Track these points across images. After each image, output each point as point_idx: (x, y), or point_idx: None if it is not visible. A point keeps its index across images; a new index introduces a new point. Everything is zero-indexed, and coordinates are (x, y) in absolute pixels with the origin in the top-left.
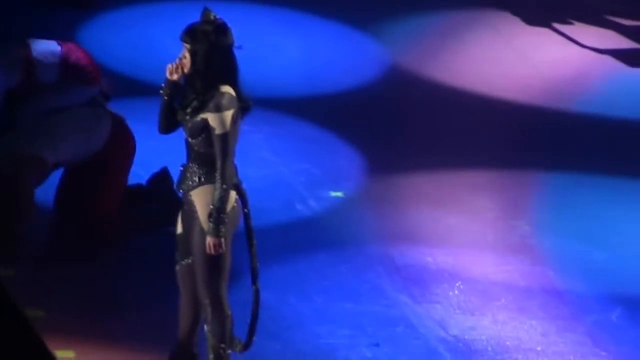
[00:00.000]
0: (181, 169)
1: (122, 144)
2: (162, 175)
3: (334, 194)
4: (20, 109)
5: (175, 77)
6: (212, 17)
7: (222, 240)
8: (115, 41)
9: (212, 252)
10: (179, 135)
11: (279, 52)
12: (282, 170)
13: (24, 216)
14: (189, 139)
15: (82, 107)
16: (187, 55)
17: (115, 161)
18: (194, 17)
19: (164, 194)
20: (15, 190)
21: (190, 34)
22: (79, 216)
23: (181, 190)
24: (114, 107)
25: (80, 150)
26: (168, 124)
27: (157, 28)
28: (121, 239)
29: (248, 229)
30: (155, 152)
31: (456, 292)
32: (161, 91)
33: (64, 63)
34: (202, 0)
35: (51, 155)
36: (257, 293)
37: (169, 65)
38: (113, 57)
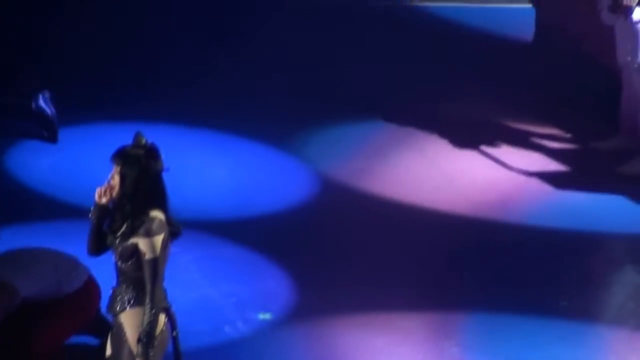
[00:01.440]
0: (111, 291)
1: (90, 296)
2: None
3: (262, 316)
4: None
5: (104, 200)
6: (144, 142)
7: None
8: (42, 164)
9: None
10: (109, 258)
11: (207, 174)
12: (210, 292)
13: None
14: (119, 263)
15: (62, 254)
16: (117, 177)
17: (79, 308)
18: (121, 139)
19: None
20: None
21: (122, 157)
22: (22, 353)
23: (111, 313)
24: (44, 229)
25: (51, 290)
26: (97, 247)
27: (84, 151)
28: None
29: (176, 352)
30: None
31: None
32: (90, 215)
33: None
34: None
35: (24, 287)
36: None
37: (98, 189)
38: (41, 181)
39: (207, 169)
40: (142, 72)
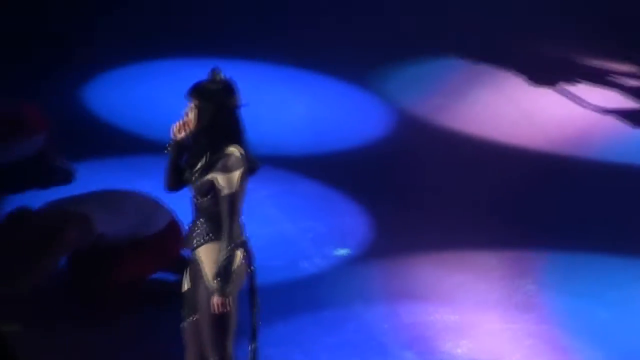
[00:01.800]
0: (188, 226)
1: (172, 238)
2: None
3: (339, 251)
4: None
5: (180, 136)
6: (220, 77)
7: (228, 299)
8: (120, 99)
9: (218, 311)
10: (186, 193)
11: (285, 110)
12: (287, 228)
13: (49, 263)
14: (196, 198)
15: (147, 196)
16: (193, 112)
17: (160, 249)
18: (197, 74)
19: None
20: (53, 239)
21: (198, 92)
22: (101, 284)
23: (189, 248)
24: (122, 164)
25: (132, 230)
26: (175, 182)
27: (161, 86)
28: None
29: (252, 288)
30: None
31: (462, 350)
32: (167, 149)
33: (4, 115)
34: (207, 58)
35: (101, 224)
36: (254, 352)
37: (174, 124)
38: (118, 115)
39: (284, 105)
40: (218, 6)
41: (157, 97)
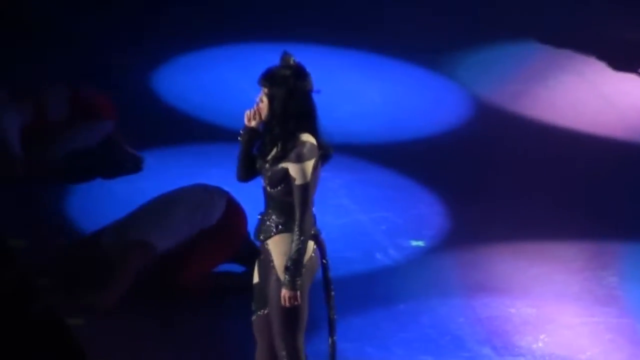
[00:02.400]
0: (259, 217)
1: (233, 222)
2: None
3: (415, 243)
4: (39, 148)
5: (253, 123)
6: (291, 62)
7: (298, 292)
8: (189, 85)
9: (288, 304)
10: (256, 183)
11: (358, 96)
12: (361, 219)
13: (112, 295)
14: (268, 188)
15: (195, 189)
16: (265, 99)
17: (223, 236)
18: (269, 60)
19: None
20: (114, 272)
21: (269, 78)
22: (167, 277)
23: (259, 240)
24: (191, 152)
25: (192, 230)
26: (247, 172)
27: (232, 71)
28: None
29: (326, 280)
30: None
31: (540, 344)
32: (239, 138)
33: (73, 100)
34: (277, 43)
35: (161, 241)
36: (333, 345)
37: (247, 112)
38: (188, 102)
39: (358, 91)
40: None
41: (228, 83)
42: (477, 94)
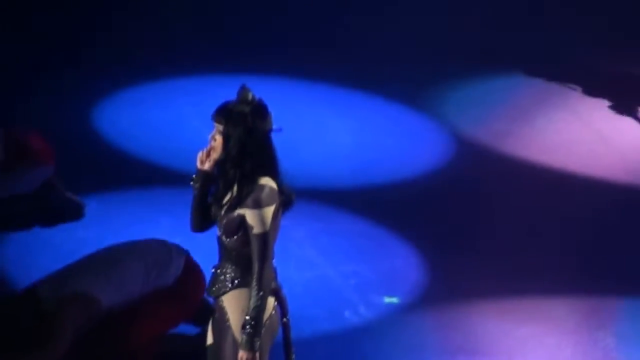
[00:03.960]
0: (212, 270)
1: (191, 283)
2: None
3: (388, 299)
4: None
5: (206, 166)
6: (250, 97)
7: (257, 354)
8: (135, 122)
9: None
10: (212, 234)
11: (326, 135)
12: (328, 272)
13: (52, 352)
14: (223, 237)
15: (152, 244)
16: (219, 137)
17: (179, 298)
18: (226, 94)
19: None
20: (52, 329)
21: (224, 114)
22: (112, 339)
23: (212, 295)
24: (138, 197)
25: (145, 289)
26: (202, 222)
27: (184, 106)
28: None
29: (287, 341)
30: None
31: None
32: (191, 183)
33: (7, 142)
34: (236, 75)
35: (106, 295)
36: None
37: (200, 153)
38: (134, 140)
39: (326, 129)
40: (248, 17)
41: (179, 119)
42: (459, 132)
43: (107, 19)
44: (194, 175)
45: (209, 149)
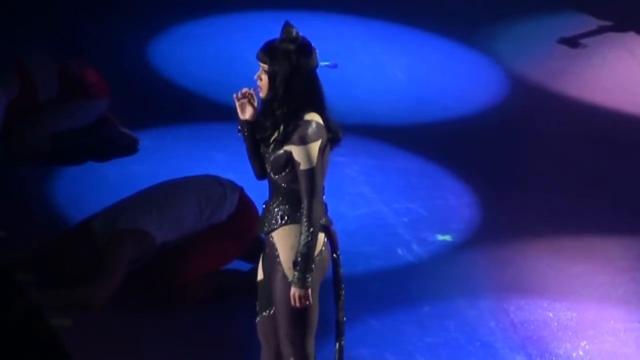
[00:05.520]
0: (263, 207)
1: (245, 219)
2: None
3: (441, 237)
4: (27, 127)
5: (248, 115)
6: (294, 34)
7: (309, 291)
8: (190, 58)
9: (298, 304)
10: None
11: (379, 71)
12: (381, 209)
13: (103, 292)
14: (271, 174)
15: (207, 180)
16: (264, 77)
17: (234, 234)
18: (279, 29)
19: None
20: (105, 264)
21: (268, 53)
22: (165, 274)
23: (262, 232)
24: (192, 133)
25: (199, 225)
26: (263, 167)
27: (237, 42)
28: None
29: (336, 277)
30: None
31: (581, 352)
32: (239, 134)
33: (63, 77)
34: (289, 11)
35: (160, 231)
36: (340, 352)
37: (236, 100)
38: (188, 76)
39: (380, 66)
40: None
41: (233, 55)
42: (513, 70)
43: None
44: (239, 127)
45: (244, 92)
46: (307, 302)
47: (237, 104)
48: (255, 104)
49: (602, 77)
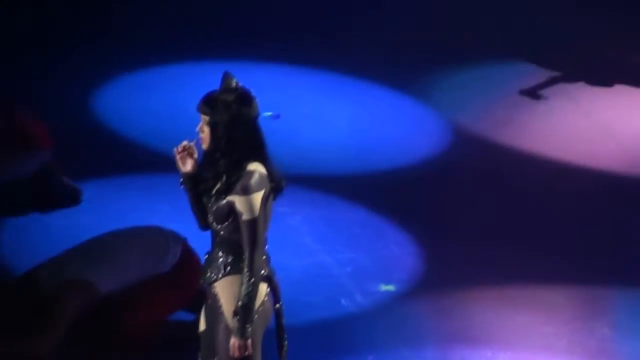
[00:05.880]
0: (206, 257)
1: (188, 270)
2: None
3: (384, 287)
4: None
5: (189, 167)
6: (233, 85)
7: (249, 341)
8: (134, 108)
9: (237, 354)
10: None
11: (322, 121)
12: (325, 260)
13: (48, 342)
14: (214, 224)
15: (150, 230)
16: (206, 128)
17: (176, 285)
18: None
19: None
20: (51, 314)
21: (209, 104)
22: (110, 324)
23: (205, 282)
24: (136, 184)
25: (143, 275)
26: (206, 218)
27: (182, 92)
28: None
29: (279, 327)
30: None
31: None
32: (181, 186)
33: (6, 127)
34: (234, 62)
35: (105, 281)
36: None
37: (176, 153)
38: (133, 126)
39: (322, 115)
40: (248, 3)
41: (178, 105)
42: (456, 120)
43: (107, 2)
44: (180, 179)
45: (182, 145)
46: (247, 353)
47: (177, 157)
48: (196, 155)
49: (546, 126)
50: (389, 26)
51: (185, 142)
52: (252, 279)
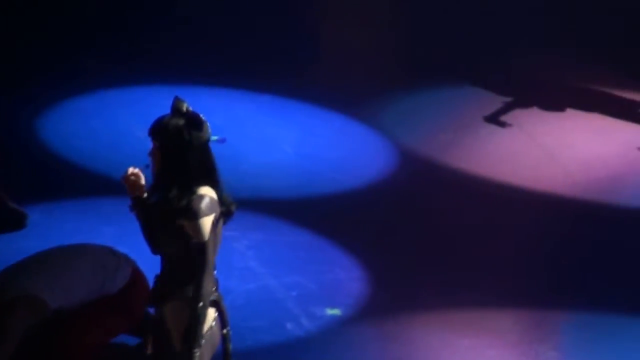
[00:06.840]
0: (155, 280)
1: (136, 293)
2: None
3: (330, 311)
4: None
5: (137, 193)
6: (184, 109)
7: None
8: (79, 132)
9: None
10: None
11: (268, 145)
12: (270, 284)
13: (1, 355)
14: (164, 248)
15: (101, 250)
16: (157, 152)
17: (124, 307)
18: (169, 104)
19: None
20: (1, 326)
21: (159, 129)
22: (53, 344)
23: (154, 305)
24: (81, 207)
25: (90, 295)
26: (156, 241)
27: (126, 116)
28: None
29: (226, 352)
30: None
31: None
32: (131, 211)
33: None
34: (178, 86)
35: (53, 299)
36: None
37: (126, 180)
38: (77, 150)
39: (267, 139)
40: (191, 27)
41: (122, 129)
42: (402, 143)
43: (51, 24)
44: (130, 204)
45: (131, 171)
46: None
47: (126, 184)
48: (143, 181)
49: (491, 150)
50: (336, 50)
51: (131, 169)
52: (201, 303)
